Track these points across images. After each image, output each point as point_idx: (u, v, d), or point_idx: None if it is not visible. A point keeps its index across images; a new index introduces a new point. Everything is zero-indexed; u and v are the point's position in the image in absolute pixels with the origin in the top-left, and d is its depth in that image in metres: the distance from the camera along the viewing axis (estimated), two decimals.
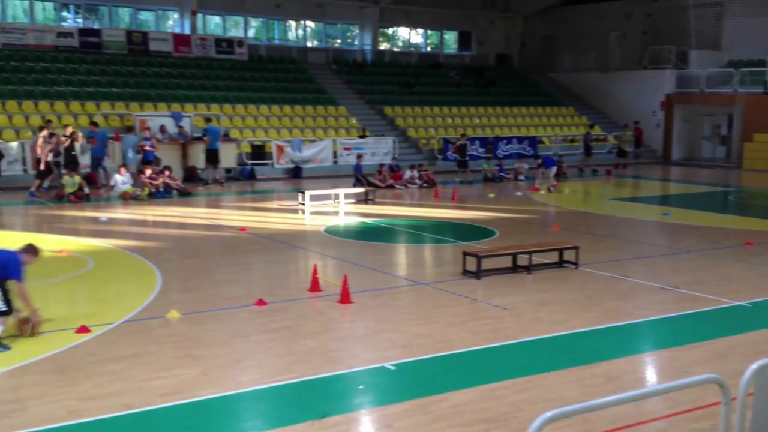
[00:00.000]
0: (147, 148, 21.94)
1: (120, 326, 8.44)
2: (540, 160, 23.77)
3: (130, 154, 22.69)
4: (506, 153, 29.90)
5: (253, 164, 25.91)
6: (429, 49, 41.12)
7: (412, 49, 40.47)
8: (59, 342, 7.77)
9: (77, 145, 20.66)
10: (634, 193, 23.80)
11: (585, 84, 38.85)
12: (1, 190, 20.41)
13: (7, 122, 23.64)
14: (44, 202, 19.16)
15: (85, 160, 22.13)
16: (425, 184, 23.68)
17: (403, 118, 32.27)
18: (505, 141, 30.81)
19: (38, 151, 20.97)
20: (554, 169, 23.13)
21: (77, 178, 19.57)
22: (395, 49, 40.14)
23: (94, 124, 22.37)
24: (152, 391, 6.52)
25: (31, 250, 8.20)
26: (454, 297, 10.02)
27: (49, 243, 13.55)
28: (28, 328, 7.96)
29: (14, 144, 22.15)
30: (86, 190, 19.63)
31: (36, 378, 6.74)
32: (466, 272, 11.30)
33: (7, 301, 7.70)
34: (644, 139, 35.55)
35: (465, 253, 11.49)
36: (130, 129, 23.73)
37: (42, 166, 20.22)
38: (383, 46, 39.59)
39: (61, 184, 19.82)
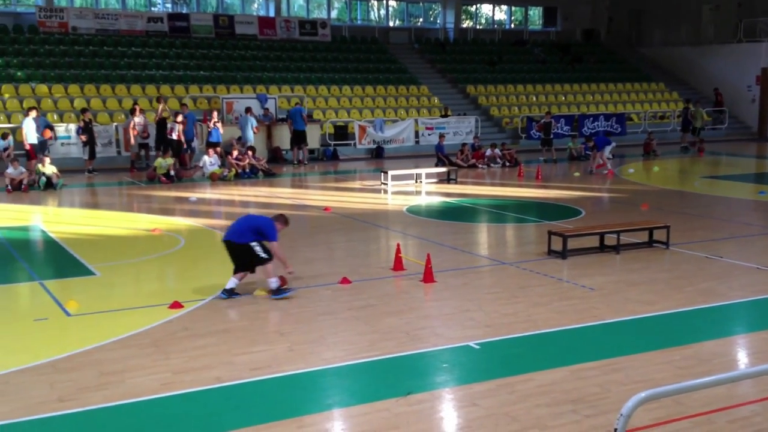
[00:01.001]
0: (215, 125, 21.98)
1: (210, 302, 8.68)
2: (592, 142, 22.86)
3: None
4: (593, 131, 29.17)
5: (335, 145, 26.14)
6: (513, 26, 40.42)
7: (496, 26, 39.86)
8: (154, 317, 8.07)
9: (178, 127, 21.29)
10: (728, 171, 22.86)
11: (676, 58, 37.42)
12: (96, 172, 21.26)
13: (101, 106, 24.56)
14: (137, 182, 19.86)
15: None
16: (508, 163, 23.38)
17: (485, 96, 31.90)
18: (591, 118, 30.08)
19: (131, 133, 21.78)
20: (608, 150, 22.03)
21: (169, 160, 20.20)
22: (478, 27, 39.61)
23: (183, 105, 23.04)
24: (242, 365, 6.70)
25: (282, 219, 9.33)
26: (539, 277, 9.89)
27: (143, 222, 14.07)
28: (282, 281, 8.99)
29: (108, 127, 22.99)
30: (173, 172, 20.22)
31: (133, 351, 7.02)
32: (551, 252, 11.12)
33: (266, 251, 8.86)
34: (737, 113, 34.06)
35: (550, 233, 11.31)
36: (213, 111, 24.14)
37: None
38: (466, 24, 39.16)
39: (153, 165, 20.50)
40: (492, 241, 12.87)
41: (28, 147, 19.63)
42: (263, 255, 8.87)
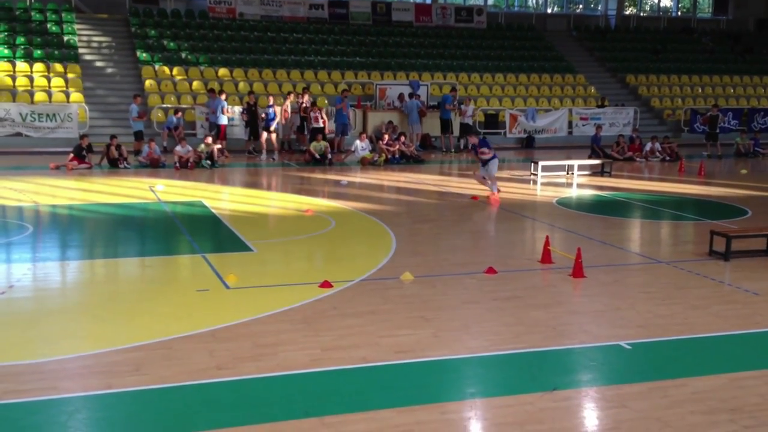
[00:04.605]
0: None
1: (358, 284, 8.88)
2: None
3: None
4: (763, 126, 27.23)
5: (485, 133, 25.89)
6: (680, 13, 38.41)
7: (661, 13, 37.98)
8: (305, 294, 8.35)
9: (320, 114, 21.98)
10: None
11: None
12: (256, 152, 22.23)
13: (263, 89, 25.63)
14: (291, 164, 20.61)
15: (329, 126, 23.48)
16: (668, 158, 22.29)
17: (646, 86, 30.54)
18: (762, 113, 28.08)
19: (283, 116, 22.64)
20: None
21: (324, 144, 20.83)
22: (642, 14, 37.91)
23: (345, 91, 23.68)
24: (387, 347, 6.81)
25: None
26: (698, 278, 9.38)
27: (296, 202, 14.59)
28: None
29: (271, 110, 23.88)
30: (330, 155, 20.80)
31: (285, 326, 7.31)
32: (712, 253, 10.51)
33: None
34: None
35: (713, 232, 10.68)
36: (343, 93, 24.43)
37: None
38: (629, 10, 37.59)
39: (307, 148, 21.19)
40: (647, 238, 12.33)
41: (221, 125, 21.27)
42: None
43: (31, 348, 6.59)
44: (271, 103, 22.00)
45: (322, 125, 21.97)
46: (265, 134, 21.79)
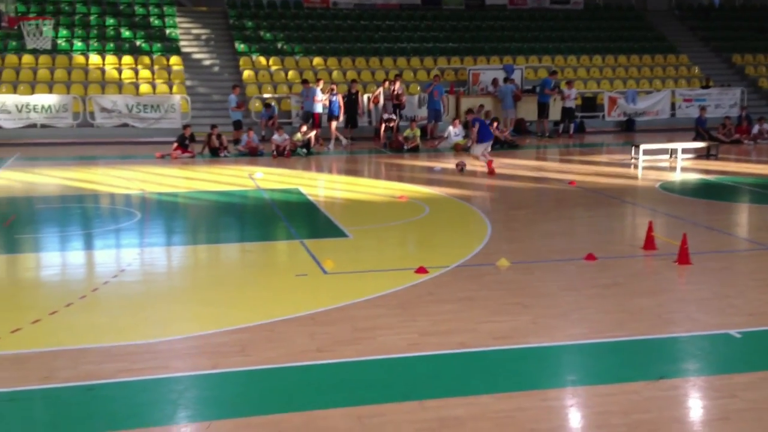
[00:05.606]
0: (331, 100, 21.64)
1: (454, 270, 8.85)
2: None
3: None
4: None
5: (582, 117, 25.30)
6: None
7: None
8: (401, 280, 8.39)
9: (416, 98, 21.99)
10: None
11: None
12: (354, 140, 22.44)
13: (356, 77, 25.81)
14: (384, 150, 20.70)
15: (422, 112, 23.49)
16: None
17: (754, 66, 29.10)
18: None
19: (372, 102, 22.76)
20: None
21: (417, 131, 20.86)
22: None
23: (436, 77, 23.61)
24: (485, 333, 6.77)
25: None
26: None
27: (390, 188, 14.66)
28: None
29: (335, 98, 23.90)
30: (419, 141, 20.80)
31: (382, 311, 7.37)
32: None
33: None
34: None
35: None
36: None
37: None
38: None
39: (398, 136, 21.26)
40: (756, 224, 11.77)
41: (315, 114, 21.23)
42: None
43: (143, 329, 6.89)
44: (334, 91, 21.75)
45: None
46: (334, 123, 21.57)
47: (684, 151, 18.52)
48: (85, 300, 7.71)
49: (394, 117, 21.80)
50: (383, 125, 21.74)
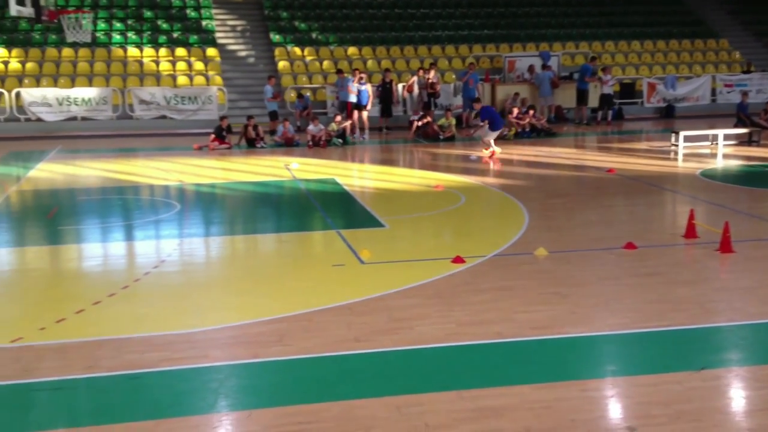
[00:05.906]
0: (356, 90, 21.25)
1: (491, 259, 8.81)
2: None
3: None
4: None
5: (621, 103, 24.96)
6: None
7: None
8: (437, 269, 8.38)
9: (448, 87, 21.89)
10: None
11: None
12: (390, 129, 22.42)
13: (390, 66, 25.77)
14: (420, 140, 20.65)
15: (457, 101, 23.38)
16: None
17: None
18: None
19: (410, 90, 22.69)
20: None
21: (453, 120, 20.77)
22: None
23: (471, 65, 23.47)
24: (522, 323, 6.73)
25: None
26: None
27: (426, 178, 14.63)
28: None
29: (364, 88, 23.84)
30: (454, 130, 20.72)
31: (419, 300, 7.37)
32: None
33: None
34: None
35: None
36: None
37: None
38: None
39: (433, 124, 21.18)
40: None
41: (349, 103, 21.09)
42: None
43: (183, 319, 6.98)
44: (363, 80, 21.52)
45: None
46: (365, 113, 21.32)
47: (725, 137, 18.18)
48: (127, 290, 7.84)
49: (422, 113, 21.51)
50: (414, 124, 21.33)
